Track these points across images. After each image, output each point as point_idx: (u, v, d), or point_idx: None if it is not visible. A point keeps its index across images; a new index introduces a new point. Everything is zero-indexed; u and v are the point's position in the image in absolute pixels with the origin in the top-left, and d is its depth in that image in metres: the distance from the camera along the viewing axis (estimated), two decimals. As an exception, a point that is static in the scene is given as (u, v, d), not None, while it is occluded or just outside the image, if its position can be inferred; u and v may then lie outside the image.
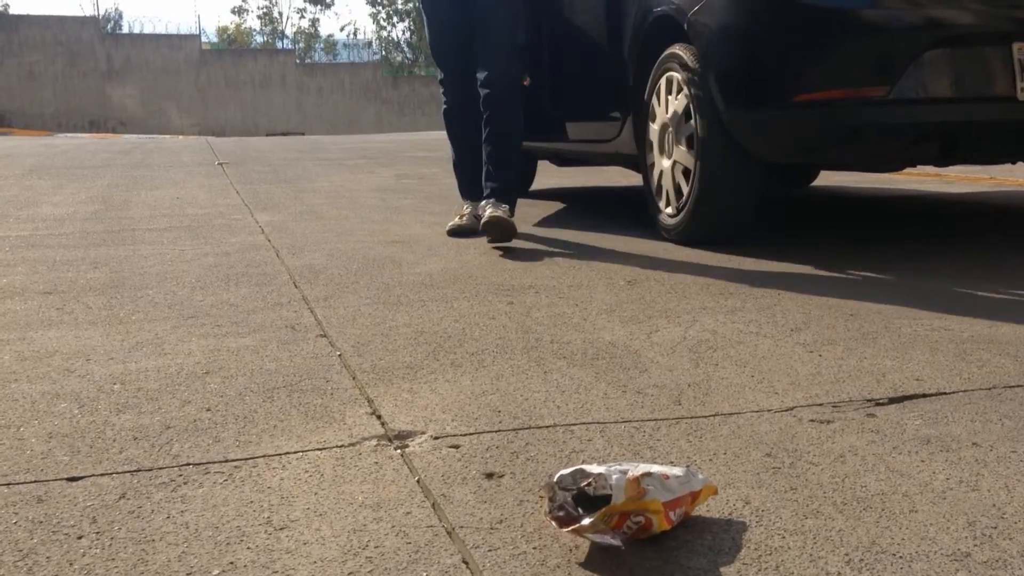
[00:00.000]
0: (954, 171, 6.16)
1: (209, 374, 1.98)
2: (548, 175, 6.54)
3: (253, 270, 3.16)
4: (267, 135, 23.31)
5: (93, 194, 5.87)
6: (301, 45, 36.75)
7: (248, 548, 1.21)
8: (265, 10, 42.23)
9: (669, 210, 3.57)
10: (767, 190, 3.95)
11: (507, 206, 3.62)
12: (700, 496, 1.26)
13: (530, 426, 1.64)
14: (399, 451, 1.54)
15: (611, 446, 1.54)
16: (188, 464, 1.50)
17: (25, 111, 27.10)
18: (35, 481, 1.44)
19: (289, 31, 39.86)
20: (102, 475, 1.46)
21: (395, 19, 37.20)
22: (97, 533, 1.26)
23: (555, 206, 4.99)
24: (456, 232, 3.82)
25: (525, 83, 4.60)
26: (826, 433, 1.58)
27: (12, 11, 30.06)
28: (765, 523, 1.26)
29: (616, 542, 1.16)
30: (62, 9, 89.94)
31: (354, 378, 1.94)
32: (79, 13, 35.51)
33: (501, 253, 3.41)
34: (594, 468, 1.22)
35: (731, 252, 3.31)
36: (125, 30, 31.67)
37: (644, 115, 3.74)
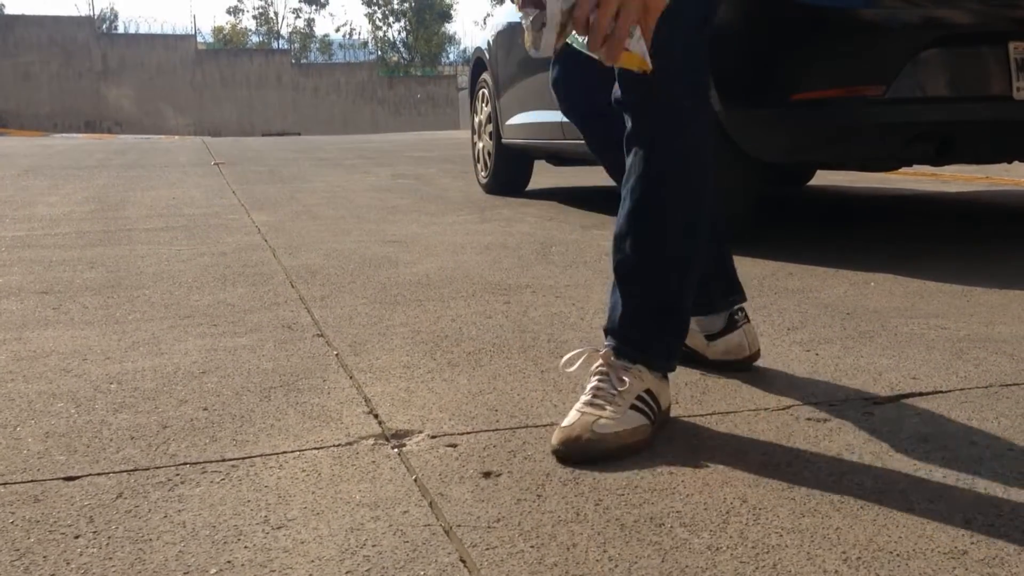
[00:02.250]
0: (950, 170, 6.17)
1: (206, 373, 1.98)
2: (545, 175, 6.55)
3: (250, 270, 3.15)
4: (263, 135, 23.30)
5: (89, 194, 5.86)
6: (297, 45, 36.76)
7: (246, 547, 1.21)
8: (261, 10, 42.18)
9: (666, 209, 3.57)
10: (764, 189, 3.95)
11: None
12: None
13: (527, 425, 1.64)
14: (396, 450, 1.54)
15: (608, 445, 1.54)
16: (185, 463, 1.50)
17: (20, 111, 27.06)
18: (32, 480, 1.44)
19: (285, 31, 39.87)
20: (99, 474, 1.46)
21: (391, 19, 37.20)
22: (94, 532, 1.26)
23: (552, 206, 4.99)
24: None
25: None
26: (823, 432, 1.58)
27: (7, 11, 30.03)
28: (763, 521, 1.26)
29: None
30: (57, 9, 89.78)
31: (351, 377, 1.94)
32: (74, 13, 35.46)
33: (496, 253, 3.41)
34: None
35: (728, 251, 3.31)
36: (121, 30, 31.69)
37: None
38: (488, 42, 5.74)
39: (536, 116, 4.89)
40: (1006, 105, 2.99)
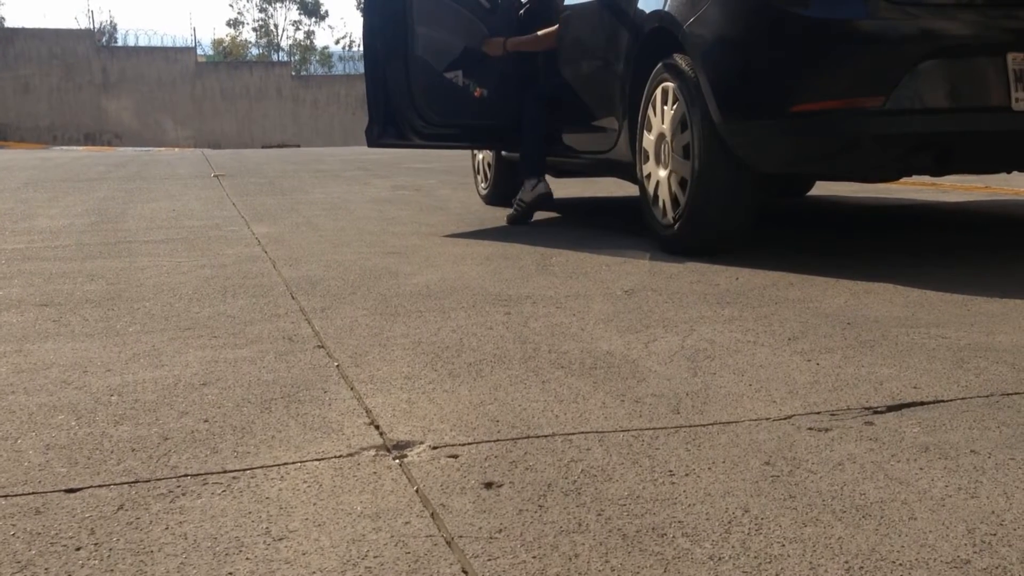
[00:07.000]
0: (949, 180, 6.18)
1: (206, 385, 1.98)
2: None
3: (250, 282, 3.15)
4: (263, 147, 23.32)
5: (89, 207, 5.86)
6: (296, 57, 36.81)
7: (247, 559, 1.21)
8: (260, 23, 42.26)
9: (666, 220, 3.57)
10: (763, 200, 3.96)
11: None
12: None
13: (529, 435, 1.64)
14: (398, 461, 1.54)
15: (610, 455, 1.54)
16: (186, 475, 1.49)
17: (20, 124, 27.09)
18: (33, 493, 1.44)
19: (284, 43, 39.93)
20: (100, 486, 1.45)
21: (390, 31, 37.25)
22: (95, 544, 1.26)
23: (551, 217, 4.99)
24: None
25: (477, 94, 4.65)
26: (824, 441, 1.58)
27: (7, 24, 30.06)
28: (764, 531, 1.26)
29: None
30: (58, 22, 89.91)
31: (352, 388, 1.94)
32: (75, 26, 35.53)
33: (496, 264, 3.42)
34: None
35: (728, 262, 3.32)
36: (120, 43, 31.70)
37: (640, 126, 3.75)
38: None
39: (536, 127, 4.89)
40: (1005, 116, 2.99)
